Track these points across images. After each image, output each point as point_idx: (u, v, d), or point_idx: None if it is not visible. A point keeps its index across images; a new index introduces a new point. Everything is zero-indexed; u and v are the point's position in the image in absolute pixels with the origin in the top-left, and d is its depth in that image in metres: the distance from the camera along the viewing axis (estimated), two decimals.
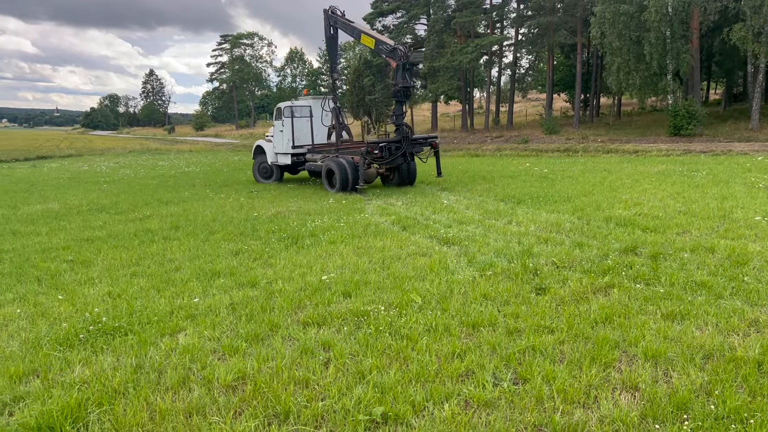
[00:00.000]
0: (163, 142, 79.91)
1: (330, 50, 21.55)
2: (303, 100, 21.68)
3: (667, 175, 17.27)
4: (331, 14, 20.60)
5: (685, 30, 31.80)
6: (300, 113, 21.01)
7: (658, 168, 20.04)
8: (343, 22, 20.48)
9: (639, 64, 32.49)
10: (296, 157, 21.01)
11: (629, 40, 32.29)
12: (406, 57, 17.96)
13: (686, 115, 31.98)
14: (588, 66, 46.97)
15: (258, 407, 4.10)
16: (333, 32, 20.84)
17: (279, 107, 21.27)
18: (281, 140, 21.10)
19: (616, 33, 32.35)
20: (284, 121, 20.76)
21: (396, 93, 18.19)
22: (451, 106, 67.06)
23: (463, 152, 37.40)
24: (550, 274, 7.05)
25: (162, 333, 5.62)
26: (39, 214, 14.98)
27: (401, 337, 5.25)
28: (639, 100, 39.05)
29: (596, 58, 44.24)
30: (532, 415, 3.90)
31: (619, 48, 32.65)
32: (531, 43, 46.52)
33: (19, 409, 4.17)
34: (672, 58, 31.53)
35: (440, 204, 13.58)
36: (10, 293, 7.38)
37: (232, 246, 9.78)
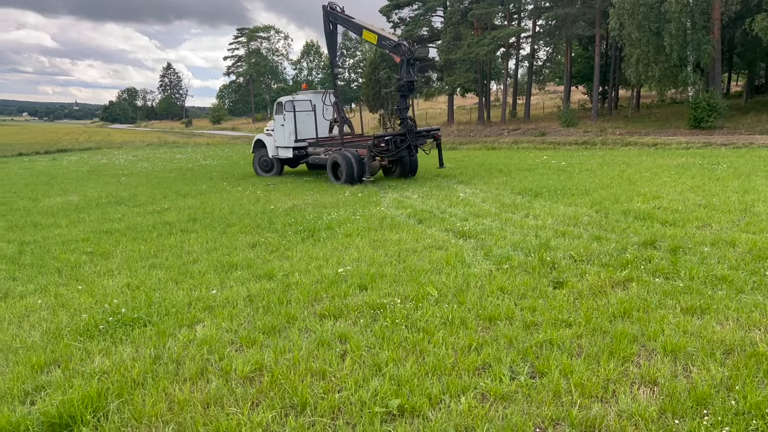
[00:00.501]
0: (181, 135, 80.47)
1: (329, 45, 21.87)
2: (303, 95, 22.02)
3: (686, 168, 17.05)
4: (330, 10, 20.85)
5: (707, 21, 31.28)
6: (301, 107, 21.32)
7: (678, 161, 19.79)
8: (344, 18, 20.74)
9: (659, 56, 32.04)
10: (298, 151, 21.36)
11: (649, 31, 31.84)
12: (410, 52, 18.30)
13: (707, 108, 31.50)
14: (606, 58, 46.44)
15: (275, 398, 4.12)
16: (332, 28, 21.17)
17: (280, 101, 21.62)
18: (282, 134, 21.43)
19: (635, 24, 31.91)
20: (286, 115, 21.10)
21: (401, 87, 18.65)
22: (468, 99, 66.73)
23: (479, 145, 37.22)
24: (568, 268, 7.00)
25: (180, 324, 5.67)
26: (59, 206, 15.17)
27: (417, 330, 5.24)
28: (658, 93, 38.51)
29: (615, 50, 43.71)
30: (549, 409, 3.88)
31: (638, 39, 32.21)
32: (549, 35, 46.08)
33: (40, 398, 4.24)
34: (693, 49, 31.05)
35: (456, 197, 13.53)
36: (32, 284, 7.49)
37: (249, 238, 9.83)
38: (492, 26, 46.43)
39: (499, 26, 47.18)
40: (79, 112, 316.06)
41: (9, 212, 14.32)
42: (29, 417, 3.89)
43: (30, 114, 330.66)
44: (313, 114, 21.54)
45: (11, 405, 4.14)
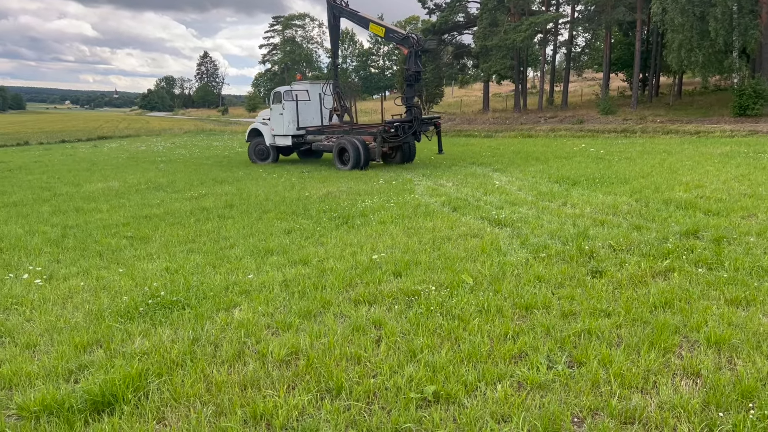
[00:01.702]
0: (217, 123, 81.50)
1: (332, 38, 22.85)
2: (300, 85, 22.73)
3: (731, 157, 16.54)
4: (334, 3, 21.68)
5: (754, 4, 30.16)
6: (299, 97, 21.97)
7: (722, 149, 19.21)
8: (349, 12, 21.66)
9: (702, 41, 31.05)
10: (297, 139, 22.09)
11: (692, 15, 30.84)
12: (418, 44, 19.40)
13: (753, 95, 30.46)
14: (647, 44, 45.20)
15: (311, 382, 4.15)
16: (335, 21, 22.17)
17: (278, 91, 22.33)
18: (281, 123, 22.06)
19: (678, 9, 30.94)
20: (285, 104, 21.76)
21: (408, 77, 19.64)
22: (503, 86, 65.83)
23: (515, 133, 36.75)
24: (607, 257, 6.86)
25: (217, 308, 5.75)
26: (100, 192, 15.53)
27: (452, 318, 5.21)
28: (702, 79, 37.38)
29: (656, 36, 42.49)
30: (587, 398, 3.81)
31: (681, 24, 31.23)
32: (588, 21, 45.03)
33: (83, 377, 4.35)
34: (739, 34, 29.99)
35: (492, 185, 13.39)
36: (75, 267, 7.68)
37: (284, 225, 9.91)
38: (529, 12, 45.61)
39: (536, 12, 46.32)
40: (118, 100, 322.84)
41: (53, 197, 14.72)
42: (73, 394, 3.99)
43: (72, 102, 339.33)
44: (318, 103, 22.47)
45: (56, 382, 4.25)
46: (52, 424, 3.70)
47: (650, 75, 46.12)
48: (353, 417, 3.71)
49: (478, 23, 46.03)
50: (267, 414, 3.75)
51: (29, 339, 5.13)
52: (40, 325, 5.49)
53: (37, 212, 12.33)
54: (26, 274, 7.23)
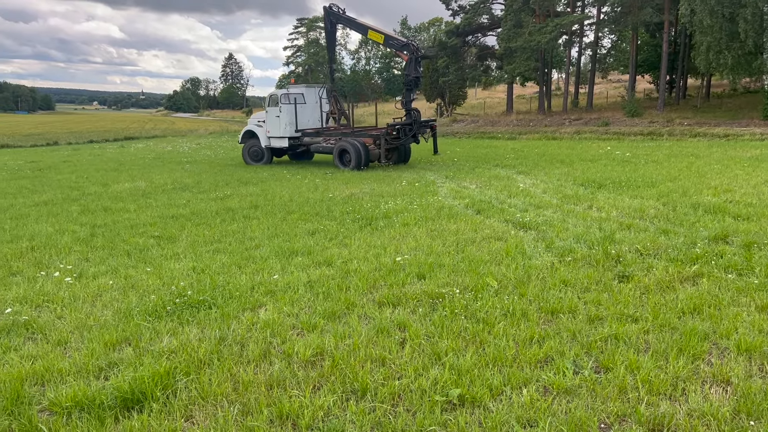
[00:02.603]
0: (242, 124, 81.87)
1: (329, 44, 23.89)
2: (295, 88, 23.34)
3: (761, 161, 16.23)
4: (331, 10, 22.62)
5: None
6: (295, 100, 22.64)
7: (752, 153, 18.85)
8: (347, 19, 22.76)
9: (732, 43, 30.49)
10: (293, 140, 22.74)
11: (722, 17, 30.31)
12: (417, 51, 20.48)
13: None
14: (675, 45, 44.53)
15: (336, 383, 4.17)
16: (331, 27, 23.21)
17: (275, 94, 22.96)
18: (278, 125, 22.64)
19: (707, 10, 30.44)
20: (282, 107, 22.35)
21: (408, 82, 20.63)
22: (528, 88, 65.41)
23: (539, 135, 36.50)
24: (634, 262, 6.78)
25: (243, 307, 5.81)
26: (127, 191, 15.78)
27: (477, 321, 5.20)
28: (730, 81, 36.69)
29: (684, 37, 41.83)
30: (614, 404, 3.78)
31: (710, 26, 30.71)
32: (614, 22, 44.51)
33: (113, 374, 4.42)
34: None
35: (516, 187, 13.32)
36: (103, 266, 7.82)
37: (308, 226, 9.97)
38: (554, 13, 45.21)
39: (561, 13, 45.91)
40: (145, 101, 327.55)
41: (82, 197, 14.99)
42: (103, 391, 4.06)
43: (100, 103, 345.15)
44: (313, 106, 23.28)
45: (87, 379, 4.33)
46: (84, 420, 3.78)
47: (677, 77, 45.43)
48: (378, 419, 3.72)
49: (503, 25, 45.77)
50: (293, 414, 3.78)
51: (60, 336, 5.24)
52: (70, 322, 5.60)
53: (66, 211, 12.57)
54: (57, 272, 7.38)
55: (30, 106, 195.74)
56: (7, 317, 5.71)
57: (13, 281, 7.17)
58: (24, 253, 8.67)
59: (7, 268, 7.85)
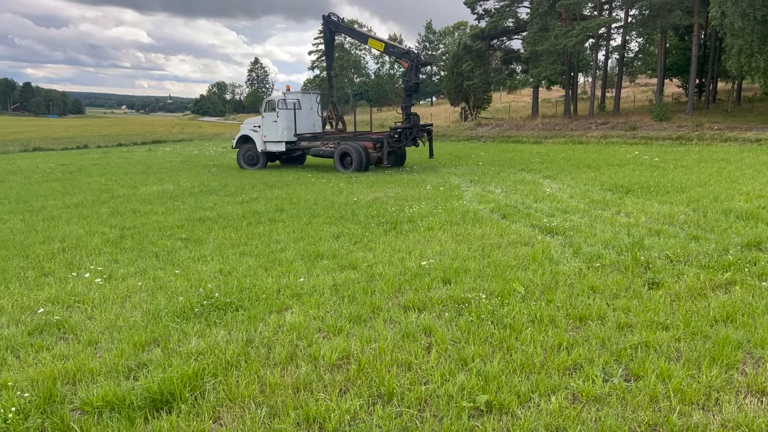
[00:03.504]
0: None
1: (327, 52, 24.53)
2: (291, 95, 23.97)
3: None
4: (330, 20, 23.36)
5: None
6: (290, 106, 23.25)
7: None
8: (346, 27, 23.97)
9: (764, 46, 29.89)
10: (290, 145, 23.44)
11: (753, 20, 29.73)
12: (417, 58, 21.71)
13: None
14: (705, 48, 43.78)
15: (362, 387, 4.16)
16: (330, 36, 23.89)
17: (272, 100, 23.61)
18: (275, 130, 23.21)
19: (739, 12, 29.89)
20: (279, 112, 22.95)
21: (408, 88, 21.80)
22: (553, 92, 64.82)
23: (565, 139, 36.16)
24: (664, 268, 6.67)
25: (270, 310, 5.84)
26: (155, 194, 16.00)
27: (504, 327, 5.15)
28: (762, 85, 35.94)
29: (714, 40, 41.12)
30: (646, 414, 3.71)
31: (741, 29, 30.15)
32: (642, 25, 43.92)
33: (143, 374, 4.47)
34: None
35: (542, 192, 13.20)
36: (132, 267, 7.93)
37: (333, 229, 10.00)
38: (581, 16, 44.82)
39: (588, 16, 45.46)
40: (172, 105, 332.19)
41: (111, 199, 15.24)
42: (133, 392, 4.11)
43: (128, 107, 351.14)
44: (308, 111, 23.93)
45: (117, 379, 4.39)
46: (114, 419, 3.83)
47: (707, 80, 44.65)
48: (405, 424, 3.71)
49: (528, 28, 45.49)
50: (319, 417, 3.78)
51: (91, 336, 5.32)
52: (101, 323, 5.68)
53: (96, 213, 12.79)
54: (87, 273, 7.50)
55: (61, 110, 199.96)
56: (40, 317, 5.82)
57: (45, 282, 7.31)
58: (56, 254, 8.84)
59: (39, 268, 8.01)
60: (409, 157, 24.50)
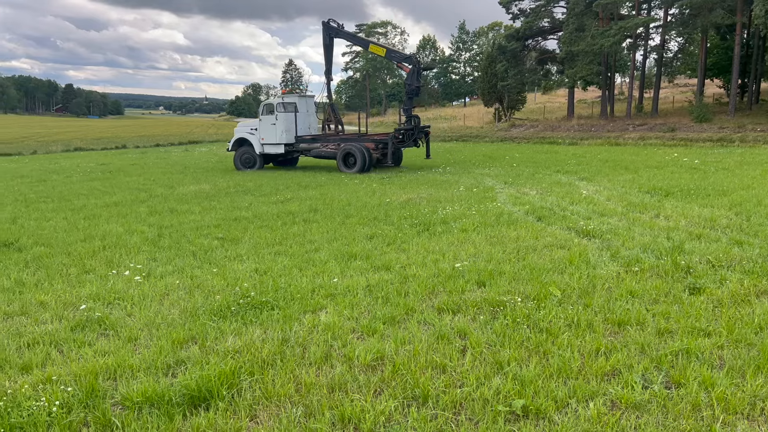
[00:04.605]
0: None
1: (326, 57, 24.87)
2: (289, 98, 24.46)
3: None
4: (330, 25, 24.03)
5: None
6: (288, 109, 23.68)
7: None
8: (346, 33, 24.53)
9: None
10: (288, 147, 23.93)
11: None
12: (419, 62, 22.80)
13: None
14: (747, 48, 42.57)
15: (397, 388, 4.16)
16: (329, 41, 24.42)
17: (270, 103, 24.03)
18: (274, 132, 23.63)
19: None
20: (278, 115, 23.38)
21: (410, 91, 22.71)
22: (589, 93, 63.88)
23: (602, 141, 35.60)
24: (705, 273, 6.50)
25: (305, 310, 5.88)
26: (192, 194, 16.27)
27: (540, 331, 5.09)
28: None
29: (758, 39, 39.97)
30: (687, 422, 3.62)
31: None
32: (682, 24, 42.93)
33: (181, 371, 4.55)
34: None
35: (578, 194, 13.01)
36: (170, 265, 8.07)
37: (366, 230, 10.02)
38: (619, 16, 44.03)
39: (626, 16, 44.63)
40: (208, 106, 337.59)
41: (149, 198, 15.55)
42: (171, 388, 4.18)
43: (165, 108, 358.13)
44: (305, 114, 24.46)
45: (156, 376, 4.47)
46: (153, 415, 3.89)
47: (750, 81, 43.39)
48: (440, 426, 3.69)
49: (564, 28, 44.89)
50: (355, 418, 3.79)
51: (131, 333, 5.43)
52: (140, 320, 5.80)
53: (135, 212, 13.07)
54: (127, 271, 7.66)
55: (101, 110, 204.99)
56: (82, 313, 5.96)
57: (87, 279, 7.49)
58: (96, 251, 9.05)
59: (81, 265, 8.22)
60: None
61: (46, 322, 5.82)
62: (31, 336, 5.39)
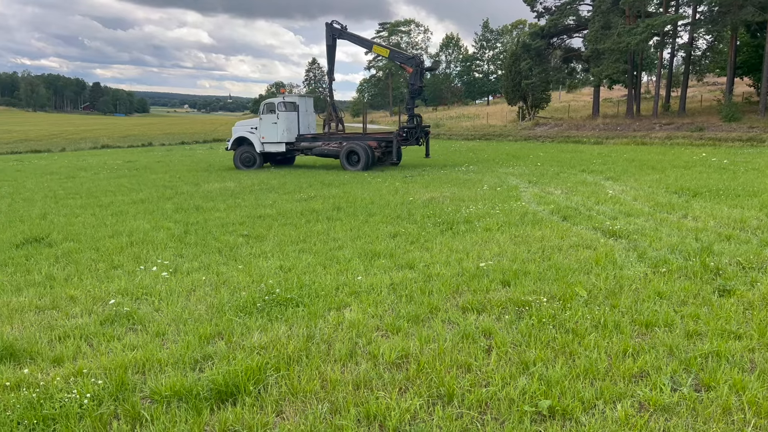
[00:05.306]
0: None
1: (328, 57, 25.30)
2: (290, 97, 24.75)
3: None
4: (333, 26, 24.34)
5: None
6: (289, 108, 23.97)
7: None
8: (350, 35, 24.73)
9: None
10: (290, 146, 24.26)
11: None
12: (421, 63, 23.53)
13: None
14: None
15: (422, 386, 4.16)
16: (332, 42, 24.74)
17: (271, 102, 24.19)
18: (274, 131, 24.02)
19: None
20: (279, 114, 23.59)
21: (413, 91, 23.50)
22: (615, 91, 63.14)
23: (627, 140, 35.15)
24: (735, 275, 6.39)
25: (329, 307, 5.91)
26: (217, 191, 16.44)
27: (566, 331, 5.05)
28: None
29: None
30: (718, 426, 3.57)
31: None
32: (711, 22, 42.18)
33: (208, 366, 4.60)
34: None
35: (604, 194, 12.87)
36: (196, 262, 8.17)
37: (389, 228, 10.02)
38: (646, 14, 43.40)
39: (653, 13, 44.00)
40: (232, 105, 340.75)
41: (175, 195, 15.75)
42: (199, 383, 4.23)
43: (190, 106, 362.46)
44: (306, 114, 24.77)
45: (183, 370, 4.53)
46: (182, 409, 3.95)
47: None
48: (466, 426, 3.68)
49: (590, 26, 44.42)
50: (380, 415, 3.80)
51: (159, 328, 5.50)
52: (167, 315, 5.88)
53: (161, 209, 13.24)
54: (154, 266, 7.77)
55: (127, 108, 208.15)
56: (111, 308, 6.07)
57: (115, 274, 7.61)
58: (124, 247, 9.20)
59: (109, 261, 8.35)
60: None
61: (76, 316, 5.94)
62: (62, 330, 5.50)
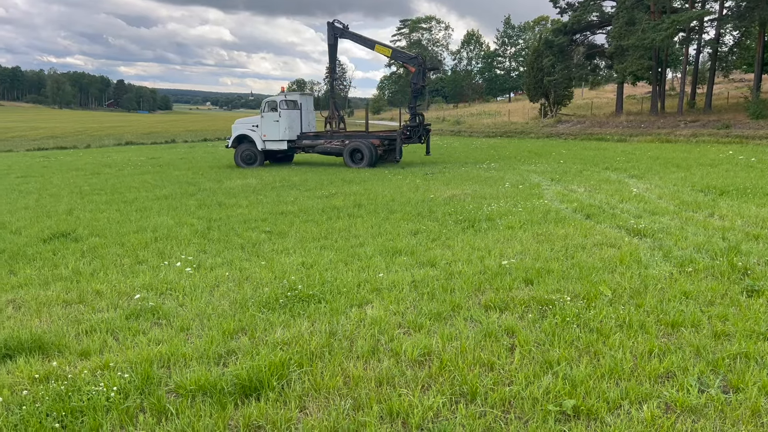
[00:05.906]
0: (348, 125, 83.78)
1: (330, 56, 25.64)
2: (291, 95, 24.93)
3: None
4: (335, 25, 24.45)
5: None
6: (290, 107, 24.09)
7: None
8: (352, 34, 24.92)
9: None
10: (291, 143, 24.36)
11: None
12: (424, 63, 23.94)
13: None
14: None
15: (444, 384, 4.15)
16: (333, 41, 24.91)
17: (273, 100, 24.16)
18: (276, 129, 24.09)
19: None
20: (281, 112, 23.89)
21: (415, 90, 23.88)
22: (638, 88, 62.31)
23: (651, 137, 34.69)
24: (764, 275, 6.28)
25: (351, 303, 5.92)
26: (239, 188, 16.56)
27: (590, 331, 5.00)
28: None
29: None
30: (747, 428, 3.51)
31: None
32: (738, 18, 41.38)
33: (232, 361, 4.64)
34: None
35: (628, 192, 12.71)
36: (219, 258, 8.23)
37: (410, 226, 10.01)
38: (671, 9, 42.73)
39: (679, 9, 43.30)
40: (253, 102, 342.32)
41: (198, 192, 15.90)
42: (223, 378, 4.27)
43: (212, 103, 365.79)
44: (306, 111, 25.09)
45: (208, 365, 4.57)
46: (206, 403, 3.99)
47: None
48: (489, 424, 3.67)
49: (614, 22, 43.87)
50: (403, 412, 3.80)
51: (183, 323, 5.56)
52: (191, 310, 5.94)
53: (185, 205, 13.38)
54: (178, 262, 7.86)
55: (150, 105, 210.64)
56: (136, 303, 6.14)
57: (140, 269, 7.71)
58: (148, 243, 9.31)
59: (134, 256, 8.46)
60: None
61: (102, 311, 6.03)
62: (88, 323, 5.58)
